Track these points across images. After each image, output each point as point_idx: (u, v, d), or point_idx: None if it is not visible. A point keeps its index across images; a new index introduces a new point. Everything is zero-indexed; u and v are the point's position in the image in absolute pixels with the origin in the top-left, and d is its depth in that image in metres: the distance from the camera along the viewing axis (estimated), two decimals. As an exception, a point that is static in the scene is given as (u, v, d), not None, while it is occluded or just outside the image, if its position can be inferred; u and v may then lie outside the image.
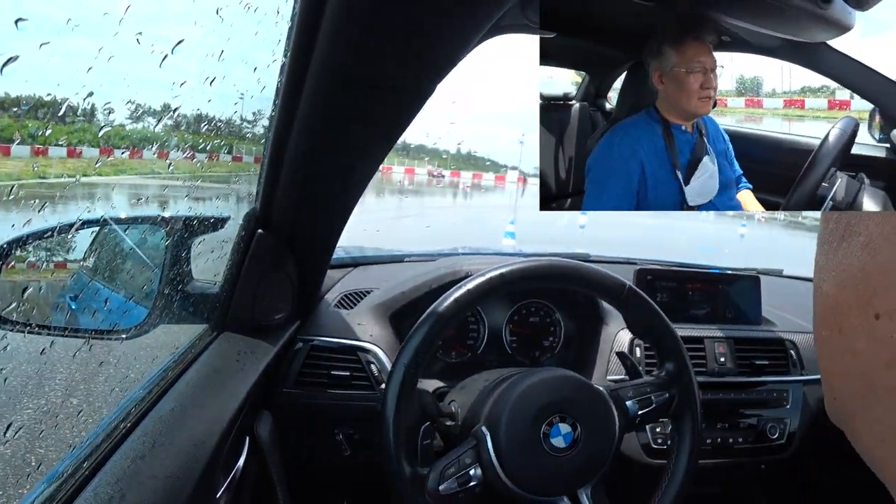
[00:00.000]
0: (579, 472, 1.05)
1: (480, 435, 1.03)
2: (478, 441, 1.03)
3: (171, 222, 1.13)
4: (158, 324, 1.10)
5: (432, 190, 31.58)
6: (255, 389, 1.10)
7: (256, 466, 1.18)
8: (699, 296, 1.73)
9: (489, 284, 1.09)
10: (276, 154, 0.99)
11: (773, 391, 1.62)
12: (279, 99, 0.90)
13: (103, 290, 1.14)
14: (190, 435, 0.89)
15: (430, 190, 31.32)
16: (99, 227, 1.09)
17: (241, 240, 1.12)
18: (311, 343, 1.37)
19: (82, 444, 0.79)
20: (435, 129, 5.09)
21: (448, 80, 0.85)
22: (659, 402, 1.14)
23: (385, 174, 30.36)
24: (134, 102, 0.90)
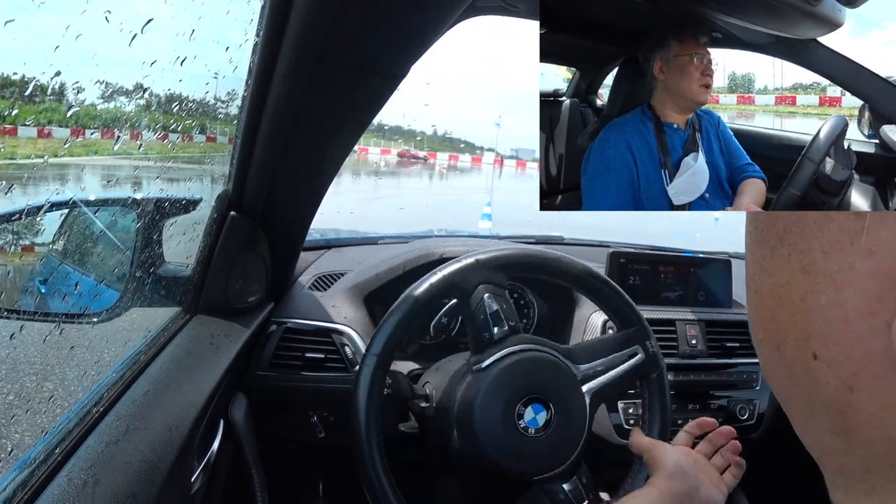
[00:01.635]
0: (555, 452, 1.06)
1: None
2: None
3: (142, 204, 1.11)
4: (130, 307, 1.09)
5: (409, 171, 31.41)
6: (229, 372, 1.09)
7: (231, 449, 1.18)
8: (672, 279, 1.74)
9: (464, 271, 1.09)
10: (249, 135, 0.98)
11: (744, 373, 1.64)
12: (252, 79, 0.89)
13: (73, 273, 1.12)
14: (164, 419, 0.88)
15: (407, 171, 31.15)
16: (68, 209, 1.08)
17: (213, 222, 1.11)
18: (285, 325, 1.37)
19: (54, 428, 0.78)
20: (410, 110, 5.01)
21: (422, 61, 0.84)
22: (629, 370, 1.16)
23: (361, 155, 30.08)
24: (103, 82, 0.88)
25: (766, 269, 0.31)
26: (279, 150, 0.99)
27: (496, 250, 1.12)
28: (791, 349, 0.30)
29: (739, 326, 1.69)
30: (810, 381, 0.29)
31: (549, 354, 1.10)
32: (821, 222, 0.27)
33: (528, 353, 1.10)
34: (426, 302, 1.07)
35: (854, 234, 0.25)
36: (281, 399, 1.35)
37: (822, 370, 0.28)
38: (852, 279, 0.26)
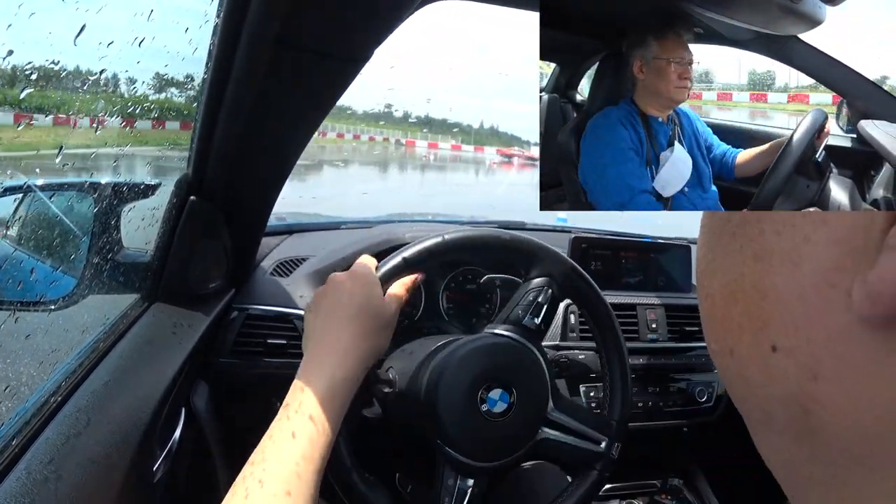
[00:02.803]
0: (532, 417, 1.07)
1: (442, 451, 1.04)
2: (444, 457, 1.04)
3: (99, 189, 1.09)
4: (88, 294, 1.07)
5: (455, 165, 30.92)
6: (190, 360, 1.08)
7: (193, 437, 1.17)
8: (632, 264, 1.77)
9: (427, 252, 1.09)
10: (209, 118, 0.96)
11: (702, 356, 1.68)
12: (211, 62, 0.88)
13: (28, 259, 1.09)
14: (124, 408, 0.87)
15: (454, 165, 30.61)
16: (22, 193, 1.05)
17: (172, 207, 1.09)
18: (247, 312, 1.35)
19: (11, 419, 0.77)
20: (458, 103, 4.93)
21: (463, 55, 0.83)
22: (546, 299, 1.16)
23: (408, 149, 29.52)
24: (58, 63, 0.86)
25: (716, 270, 0.30)
26: (240, 133, 0.98)
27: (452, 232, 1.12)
28: (746, 347, 0.28)
29: (698, 311, 1.71)
30: (769, 380, 0.27)
31: (512, 340, 1.11)
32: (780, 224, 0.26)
33: (494, 337, 1.11)
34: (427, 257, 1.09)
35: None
36: (243, 386, 1.34)
37: (782, 362, 0.26)
38: (807, 253, 0.24)
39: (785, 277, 0.25)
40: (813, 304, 0.24)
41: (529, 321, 1.14)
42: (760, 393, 0.28)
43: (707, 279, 0.31)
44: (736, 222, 0.28)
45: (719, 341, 0.30)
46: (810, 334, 0.24)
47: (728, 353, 0.29)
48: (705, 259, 0.31)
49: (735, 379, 0.30)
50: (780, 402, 0.26)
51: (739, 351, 0.28)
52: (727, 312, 0.29)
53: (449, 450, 1.03)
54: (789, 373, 0.25)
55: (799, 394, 0.25)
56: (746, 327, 0.28)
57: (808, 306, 0.24)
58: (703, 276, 0.32)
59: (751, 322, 0.27)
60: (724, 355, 0.30)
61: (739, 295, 0.28)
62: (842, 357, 0.23)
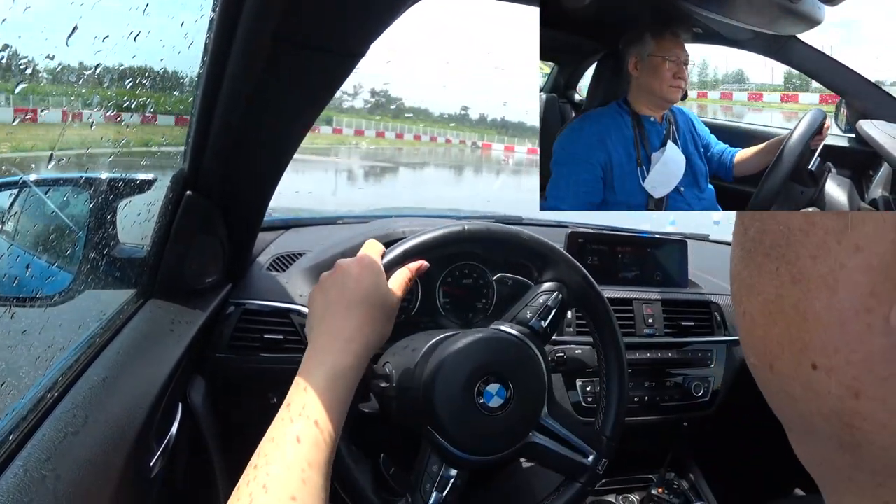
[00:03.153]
0: (526, 417, 1.07)
1: (431, 437, 1.04)
2: (432, 443, 1.04)
3: (94, 184, 1.09)
4: (84, 290, 1.07)
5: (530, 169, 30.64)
6: (187, 355, 1.08)
7: (190, 432, 1.17)
8: (629, 259, 1.77)
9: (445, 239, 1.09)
10: (205, 113, 0.96)
11: (699, 351, 1.68)
12: (208, 56, 0.87)
13: (24, 255, 1.09)
14: (121, 403, 0.87)
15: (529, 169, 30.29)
16: (18, 189, 1.05)
17: (169, 202, 1.09)
18: (244, 307, 1.35)
19: (7, 415, 0.76)
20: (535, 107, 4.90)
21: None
22: (555, 303, 1.16)
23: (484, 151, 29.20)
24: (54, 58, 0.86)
25: (753, 287, 0.31)
26: (236, 128, 0.98)
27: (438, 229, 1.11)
28: (786, 364, 0.29)
29: (695, 306, 1.72)
30: (810, 395, 0.28)
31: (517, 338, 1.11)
32: (805, 227, 0.27)
33: (498, 332, 1.11)
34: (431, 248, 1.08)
35: (839, 232, 0.25)
36: (240, 380, 1.34)
37: (823, 380, 0.27)
38: (844, 278, 0.25)
39: (823, 302, 0.26)
40: (851, 328, 0.25)
41: (536, 323, 1.14)
42: (802, 407, 0.29)
43: (744, 297, 0.32)
44: (769, 243, 0.29)
45: (759, 357, 0.31)
46: (849, 357, 0.25)
47: (768, 369, 0.30)
48: (740, 276, 0.32)
49: (776, 392, 0.31)
50: (823, 416, 0.27)
51: (780, 368, 0.29)
52: (767, 332, 0.30)
53: (437, 436, 1.03)
54: (831, 390, 0.26)
55: (842, 410, 0.26)
56: (786, 347, 0.28)
57: (847, 329, 0.25)
58: (739, 294, 0.33)
59: (791, 342, 0.28)
60: (763, 370, 0.31)
61: (779, 316, 0.29)
62: (882, 377, 0.24)
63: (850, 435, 0.26)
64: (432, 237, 1.09)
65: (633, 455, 1.73)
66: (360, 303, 0.92)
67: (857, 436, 0.26)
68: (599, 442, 1.15)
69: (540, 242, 1.18)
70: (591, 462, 1.13)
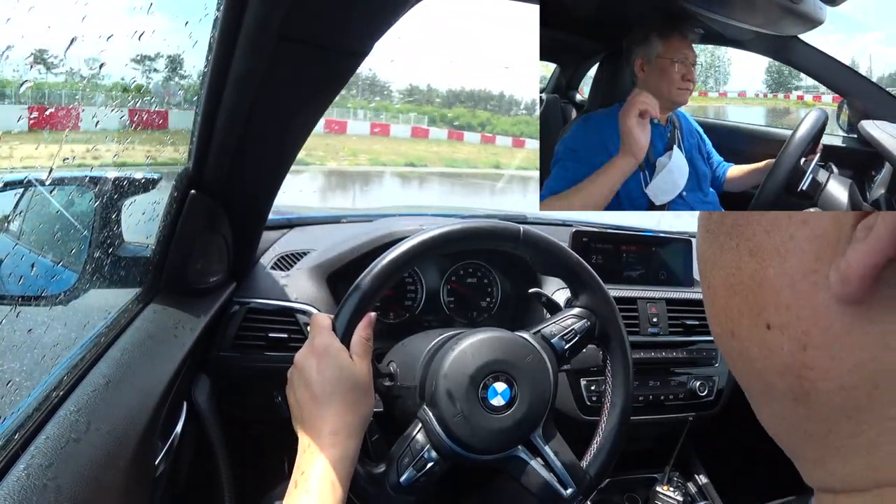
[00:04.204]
0: (521, 426, 1.06)
1: (425, 415, 1.04)
2: (423, 422, 1.04)
3: (99, 183, 1.09)
4: (89, 289, 1.07)
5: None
6: (192, 354, 1.08)
7: (195, 431, 1.17)
8: (633, 258, 1.77)
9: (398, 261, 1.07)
10: (209, 112, 0.96)
11: (703, 350, 1.68)
12: (212, 55, 0.87)
13: (29, 254, 1.09)
14: (126, 402, 0.87)
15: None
16: (23, 188, 1.05)
17: (173, 200, 1.09)
18: (248, 305, 1.35)
19: (13, 413, 0.77)
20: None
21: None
22: (582, 330, 1.15)
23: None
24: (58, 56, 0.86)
25: (716, 264, 0.35)
26: (240, 127, 0.98)
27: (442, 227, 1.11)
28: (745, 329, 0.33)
29: (700, 305, 1.71)
30: (766, 354, 0.32)
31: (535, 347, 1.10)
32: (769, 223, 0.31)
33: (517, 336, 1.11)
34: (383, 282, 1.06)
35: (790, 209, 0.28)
36: (244, 379, 1.35)
37: (777, 337, 0.31)
38: (793, 248, 0.29)
39: (776, 269, 0.30)
40: (800, 289, 0.29)
41: (559, 343, 1.13)
42: (759, 366, 0.33)
43: (708, 272, 0.36)
44: (730, 223, 0.34)
45: (722, 326, 0.35)
46: (799, 313, 0.30)
47: (730, 336, 0.35)
48: (705, 255, 0.37)
49: (737, 358, 0.35)
50: (777, 372, 0.31)
51: (740, 333, 0.34)
52: (728, 302, 0.34)
53: (431, 415, 1.03)
54: (784, 346, 0.30)
55: (792, 363, 0.30)
56: (745, 312, 0.33)
57: (796, 290, 0.29)
58: (704, 269, 0.37)
59: (749, 308, 0.32)
60: (726, 337, 0.35)
61: (738, 287, 0.33)
62: (825, 328, 0.28)
63: (800, 386, 0.30)
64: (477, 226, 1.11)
65: (638, 454, 1.73)
66: (331, 394, 0.91)
67: (805, 385, 0.30)
68: (583, 479, 1.12)
69: (584, 267, 1.17)
70: (569, 495, 1.09)
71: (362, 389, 0.94)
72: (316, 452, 0.87)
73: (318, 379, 0.92)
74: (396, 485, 1.01)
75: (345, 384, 0.92)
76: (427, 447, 1.02)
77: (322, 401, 0.90)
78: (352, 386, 0.93)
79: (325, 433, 0.88)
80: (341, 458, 0.87)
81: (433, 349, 1.10)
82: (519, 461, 1.07)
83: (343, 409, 0.90)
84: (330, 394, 0.91)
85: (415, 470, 1.01)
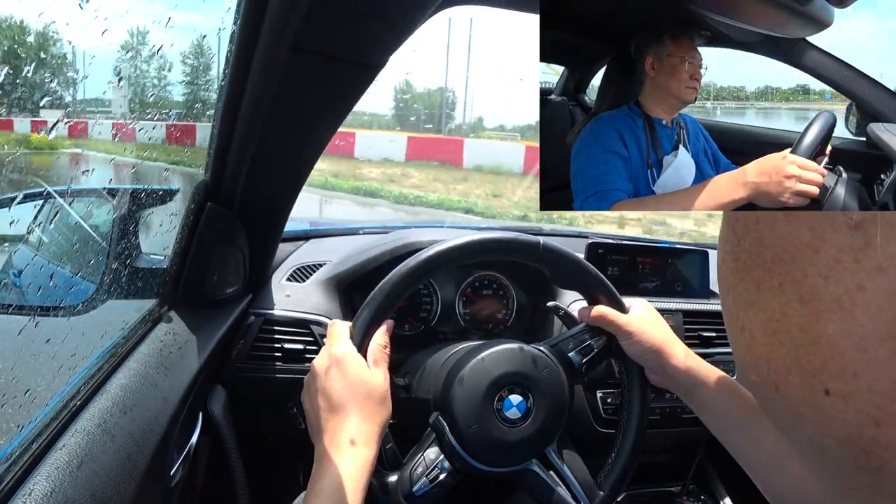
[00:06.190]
0: (536, 439, 1.05)
1: (439, 425, 1.03)
2: (437, 433, 1.04)
3: (117, 195, 1.10)
4: (107, 299, 1.08)
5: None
6: (208, 365, 1.09)
7: (210, 442, 1.17)
8: (650, 269, 1.75)
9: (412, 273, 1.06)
10: (226, 124, 0.97)
11: (720, 362, 1.65)
12: (229, 68, 0.88)
13: (48, 265, 1.11)
14: (142, 412, 0.88)
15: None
16: (42, 200, 1.06)
17: (190, 212, 1.10)
18: (264, 317, 1.36)
19: (31, 422, 0.77)
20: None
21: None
22: (599, 346, 1.14)
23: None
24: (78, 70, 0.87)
25: (753, 304, 0.29)
26: (257, 139, 0.99)
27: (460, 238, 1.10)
28: (794, 387, 0.27)
29: (716, 316, 1.70)
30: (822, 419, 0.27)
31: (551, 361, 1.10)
32: (814, 245, 0.25)
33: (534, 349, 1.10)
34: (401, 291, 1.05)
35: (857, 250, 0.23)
36: (260, 391, 1.35)
37: (837, 406, 0.25)
38: (863, 302, 0.23)
39: (838, 326, 0.24)
40: (874, 356, 0.23)
41: (576, 357, 1.12)
42: (812, 430, 0.28)
43: (742, 312, 0.30)
44: (769, 258, 0.28)
45: (762, 376, 0.30)
46: (872, 384, 0.24)
47: (773, 389, 0.29)
48: (735, 290, 0.31)
49: (782, 413, 0.29)
50: (836, 440, 0.26)
51: (787, 390, 0.28)
52: (772, 352, 0.28)
53: (446, 426, 1.02)
54: (847, 417, 0.25)
55: (859, 437, 0.25)
56: (794, 369, 0.27)
57: (868, 356, 0.24)
58: (735, 307, 0.31)
59: (799, 365, 0.27)
60: (767, 389, 0.29)
61: (784, 336, 0.27)
62: None
63: (866, 461, 0.25)
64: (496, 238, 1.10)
65: (655, 466, 1.71)
66: (347, 401, 0.90)
67: (874, 462, 0.25)
68: (595, 496, 1.11)
69: (607, 284, 1.16)
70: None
71: (379, 397, 0.93)
72: (332, 461, 0.86)
73: (334, 386, 0.91)
74: (409, 495, 1.00)
75: (361, 392, 0.91)
76: (440, 458, 1.02)
77: (338, 408, 0.89)
78: (368, 394, 0.92)
79: (341, 441, 0.87)
80: (357, 467, 0.86)
81: (449, 361, 1.10)
82: (533, 475, 1.06)
83: (360, 416, 0.89)
84: (347, 401, 0.90)
85: (427, 481, 1.01)
